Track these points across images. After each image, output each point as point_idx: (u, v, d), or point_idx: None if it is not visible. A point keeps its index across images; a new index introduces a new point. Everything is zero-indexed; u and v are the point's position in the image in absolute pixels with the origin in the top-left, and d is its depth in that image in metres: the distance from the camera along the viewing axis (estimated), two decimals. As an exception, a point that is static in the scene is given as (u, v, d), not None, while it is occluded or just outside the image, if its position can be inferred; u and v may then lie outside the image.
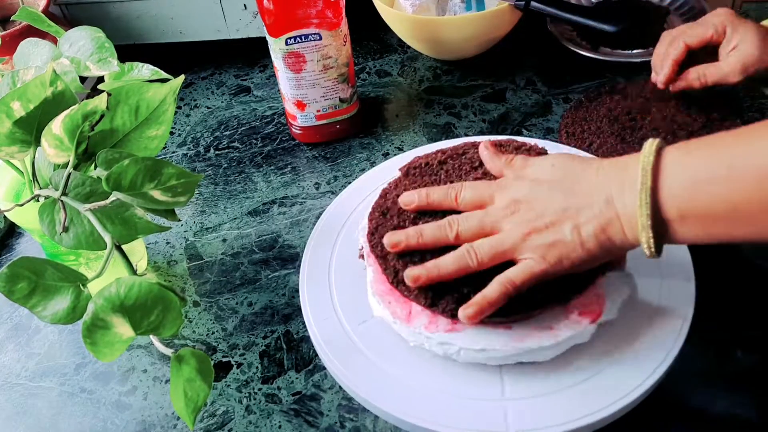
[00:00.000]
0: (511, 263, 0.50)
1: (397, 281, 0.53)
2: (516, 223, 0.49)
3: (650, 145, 0.46)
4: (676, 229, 0.45)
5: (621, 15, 0.86)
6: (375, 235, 0.56)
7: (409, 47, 0.95)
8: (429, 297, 0.51)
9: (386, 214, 0.56)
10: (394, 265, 0.53)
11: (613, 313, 0.52)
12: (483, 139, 0.60)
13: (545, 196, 0.49)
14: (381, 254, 0.54)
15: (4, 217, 0.74)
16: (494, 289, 0.48)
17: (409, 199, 0.55)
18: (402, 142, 0.81)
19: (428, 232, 0.52)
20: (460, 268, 0.49)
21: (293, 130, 0.83)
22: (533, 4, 0.85)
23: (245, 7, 0.89)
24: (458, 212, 0.53)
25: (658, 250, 0.46)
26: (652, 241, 0.45)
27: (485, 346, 0.51)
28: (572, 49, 0.86)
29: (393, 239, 0.52)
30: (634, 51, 0.85)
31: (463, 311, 0.48)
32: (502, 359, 0.51)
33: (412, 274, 0.50)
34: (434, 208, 0.54)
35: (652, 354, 0.51)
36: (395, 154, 0.77)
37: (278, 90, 0.83)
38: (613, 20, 0.85)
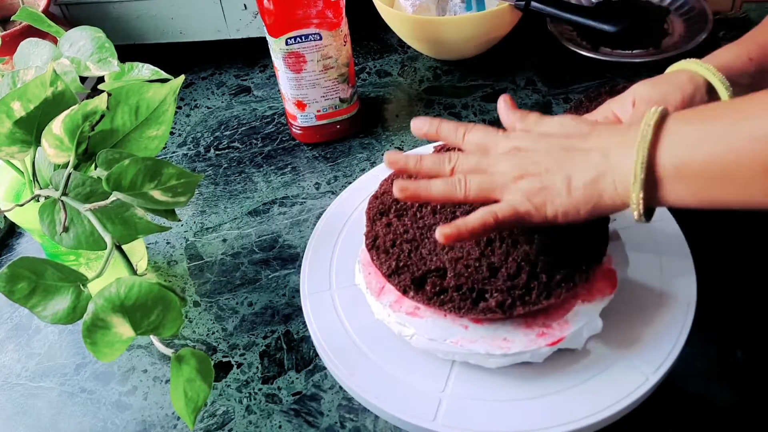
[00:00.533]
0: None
1: (372, 244, 0.55)
2: (511, 166, 0.49)
3: (656, 108, 0.45)
4: (668, 188, 0.44)
5: (621, 15, 0.86)
6: (378, 199, 0.58)
7: (409, 47, 0.95)
8: (391, 267, 0.53)
9: None
10: (377, 231, 0.55)
11: (578, 343, 0.51)
12: None
13: (546, 148, 0.49)
14: (371, 217, 0.56)
15: (4, 217, 0.74)
16: (476, 217, 0.48)
17: (421, 123, 0.55)
18: (402, 142, 0.81)
19: (427, 160, 0.53)
20: (447, 194, 0.50)
21: (293, 130, 0.83)
22: (533, 4, 0.85)
23: (245, 7, 0.89)
24: None
25: (647, 212, 0.45)
26: (641, 198, 0.44)
27: (436, 338, 0.51)
28: (572, 49, 0.86)
29: (392, 157, 0.53)
30: (634, 51, 0.85)
31: (441, 229, 0.48)
32: (451, 355, 0.52)
33: (402, 184, 0.51)
34: (441, 139, 0.55)
35: (652, 354, 0.51)
36: (395, 154, 0.77)
37: (278, 90, 0.83)
38: (613, 20, 0.85)
